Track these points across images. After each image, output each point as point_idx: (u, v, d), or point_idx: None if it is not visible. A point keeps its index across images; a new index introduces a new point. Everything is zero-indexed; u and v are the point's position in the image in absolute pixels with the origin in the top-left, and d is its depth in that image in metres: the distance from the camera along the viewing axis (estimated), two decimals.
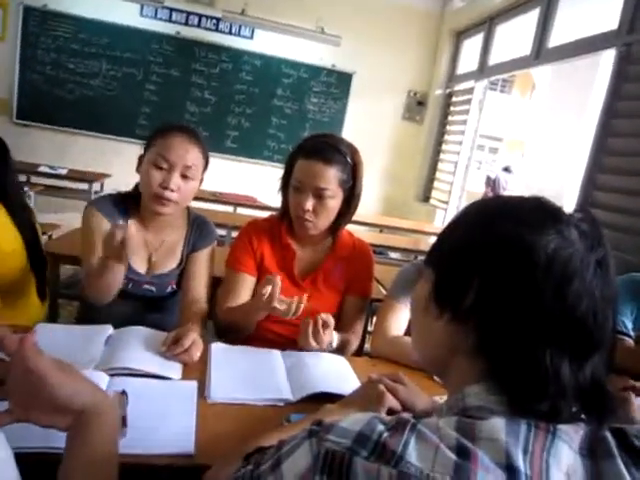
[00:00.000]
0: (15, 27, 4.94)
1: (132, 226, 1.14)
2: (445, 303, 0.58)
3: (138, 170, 1.40)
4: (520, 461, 0.46)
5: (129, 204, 1.44)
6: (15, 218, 1.32)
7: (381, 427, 0.49)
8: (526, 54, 4.02)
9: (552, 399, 0.51)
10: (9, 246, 1.30)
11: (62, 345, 1.11)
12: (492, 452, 0.46)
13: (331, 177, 1.34)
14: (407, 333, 1.45)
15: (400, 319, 1.45)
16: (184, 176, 1.36)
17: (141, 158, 1.40)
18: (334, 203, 1.39)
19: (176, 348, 1.12)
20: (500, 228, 0.55)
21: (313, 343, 1.25)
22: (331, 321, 1.28)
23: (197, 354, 1.15)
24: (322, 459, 0.48)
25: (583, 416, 0.53)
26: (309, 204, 1.35)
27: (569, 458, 0.49)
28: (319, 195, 1.35)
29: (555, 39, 3.72)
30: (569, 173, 5.47)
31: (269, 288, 1.19)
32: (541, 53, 3.84)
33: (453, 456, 0.46)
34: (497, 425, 0.48)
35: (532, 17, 4.00)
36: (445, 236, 0.62)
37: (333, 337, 1.34)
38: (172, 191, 1.34)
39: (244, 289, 1.44)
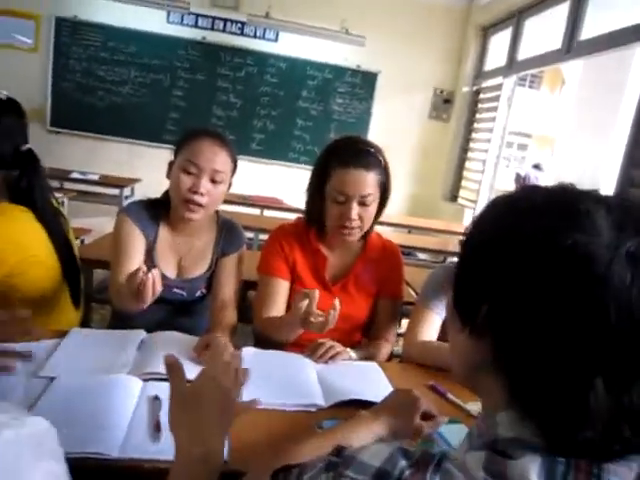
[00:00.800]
0: (47, 38, 5.08)
1: (156, 272, 1.10)
2: (463, 314, 0.53)
3: (168, 176, 1.41)
4: None
5: (159, 209, 1.46)
6: (46, 227, 1.34)
7: (403, 463, 0.46)
8: (557, 48, 3.92)
9: (583, 429, 0.43)
10: (42, 254, 1.32)
11: (96, 350, 1.13)
12: None
13: (372, 182, 1.33)
14: (440, 339, 1.42)
15: (431, 326, 1.41)
16: (213, 180, 1.36)
17: (171, 164, 1.41)
18: (374, 207, 1.38)
19: (207, 353, 1.13)
20: (511, 228, 0.48)
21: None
22: (339, 349, 1.28)
23: (228, 359, 1.15)
24: None
25: None
26: (355, 213, 1.33)
27: None
28: (363, 202, 1.33)
29: (587, 32, 3.61)
30: (603, 169, 5.31)
31: (305, 302, 1.16)
32: (572, 46, 3.73)
33: None
34: (529, 466, 0.43)
35: (563, 9, 3.89)
36: (464, 239, 0.56)
37: (350, 356, 1.32)
38: (201, 195, 1.34)
39: (280, 295, 1.43)
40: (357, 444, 0.76)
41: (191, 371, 1.08)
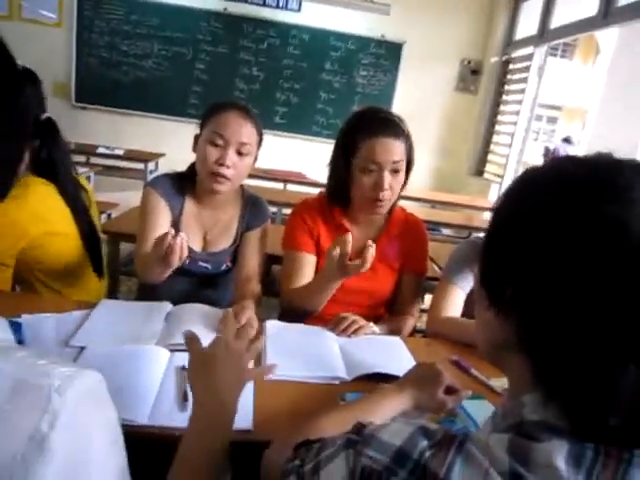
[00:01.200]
0: (70, 13, 5.08)
1: (183, 236, 1.11)
2: (490, 292, 0.51)
3: (195, 149, 1.41)
4: None
5: (185, 183, 1.47)
6: (67, 198, 1.36)
7: (424, 443, 0.45)
8: (592, 14, 3.74)
9: (612, 414, 0.41)
10: (63, 228, 1.34)
11: (124, 321, 1.16)
12: None
13: (402, 149, 1.33)
14: (464, 315, 1.41)
15: (455, 302, 1.40)
16: (239, 152, 1.36)
17: (197, 137, 1.41)
18: (402, 175, 1.37)
19: (233, 327, 1.14)
20: (538, 202, 0.46)
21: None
22: (362, 323, 1.29)
23: (253, 332, 1.16)
24: (358, 476, 0.46)
25: None
26: (387, 182, 1.32)
27: None
28: (394, 169, 1.33)
29: None
30: (638, 144, 5.11)
31: (338, 249, 1.18)
32: (609, 12, 3.55)
33: None
34: (556, 449, 0.41)
35: None
36: (492, 214, 0.54)
37: (373, 330, 1.32)
38: (228, 167, 1.35)
39: (306, 268, 1.43)
40: (380, 417, 0.76)
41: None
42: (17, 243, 1.25)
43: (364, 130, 1.32)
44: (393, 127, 1.33)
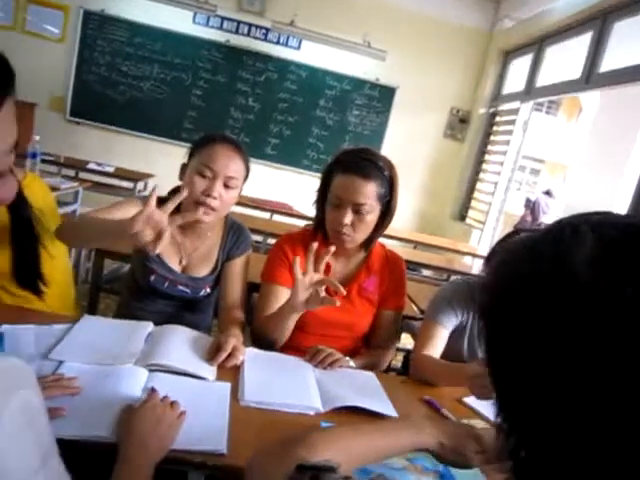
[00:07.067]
0: (74, 30, 5.17)
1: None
2: None
3: (181, 178, 1.43)
4: None
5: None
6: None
7: None
8: (576, 77, 3.95)
9: None
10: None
11: (106, 338, 1.16)
12: None
13: (370, 192, 1.35)
14: (447, 352, 1.44)
15: (439, 341, 1.43)
16: (226, 185, 1.38)
17: (184, 166, 1.43)
18: (372, 217, 1.39)
19: (220, 356, 1.16)
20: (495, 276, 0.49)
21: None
22: (338, 356, 1.30)
23: (240, 357, 1.18)
24: None
25: None
26: (347, 219, 1.36)
27: None
28: (357, 210, 1.36)
29: (607, 64, 3.64)
30: (615, 202, 5.31)
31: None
32: (592, 77, 3.76)
33: None
34: None
35: (584, 40, 3.93)
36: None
37: (349, 364, 1.34)
38: (214, 198, 1.36)
39: (281, 301, 1.44)
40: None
41: (198, 365, 1.11)
42: None
43: (339, 166, 1.38)
44: (367, 168, 1.35)
